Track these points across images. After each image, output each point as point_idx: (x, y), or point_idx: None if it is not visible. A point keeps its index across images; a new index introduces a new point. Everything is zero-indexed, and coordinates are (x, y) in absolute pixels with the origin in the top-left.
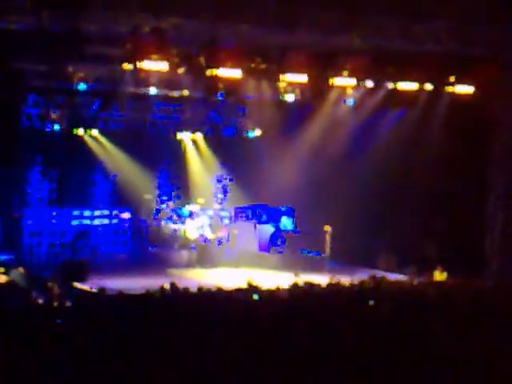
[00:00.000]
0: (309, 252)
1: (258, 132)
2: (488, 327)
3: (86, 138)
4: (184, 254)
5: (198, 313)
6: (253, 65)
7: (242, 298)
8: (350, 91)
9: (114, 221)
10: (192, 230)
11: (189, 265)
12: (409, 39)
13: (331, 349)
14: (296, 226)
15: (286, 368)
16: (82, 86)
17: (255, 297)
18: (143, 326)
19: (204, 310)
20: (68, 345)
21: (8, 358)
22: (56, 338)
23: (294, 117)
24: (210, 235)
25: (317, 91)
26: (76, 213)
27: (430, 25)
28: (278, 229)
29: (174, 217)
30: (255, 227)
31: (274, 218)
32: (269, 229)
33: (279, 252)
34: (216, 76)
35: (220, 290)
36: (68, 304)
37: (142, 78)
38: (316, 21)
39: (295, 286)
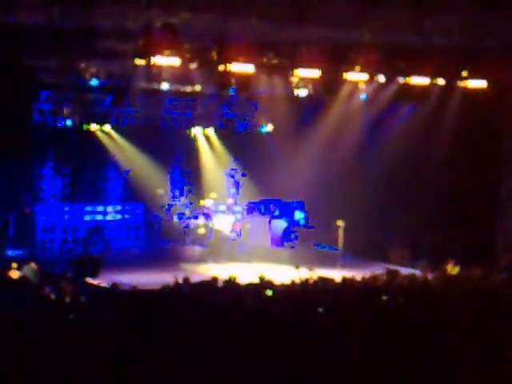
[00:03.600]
0: (322, 246)
1: (270, 127)
2: (502, 322)
3: (99, 133)
4: (196, 249)
5: (211, 307)
6: (265, 60)
7: (255, 293)
8: (362, 86)
9: (127, 216)
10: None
11: (201, 259)
12: (420, 33)
13: (344, 344)
14: (308, 221)
15: (298, 363)
16: (94, 82)
17: (269, 292)
18: (156, 321)
19: (217, 304)
20: (80, 340)
21: (20, 354)
22: (68, 334)
23: (307, 112)
24: (227, 232)
25: (329, 86)
26: (89, 208)
27: (442, 18)
28: (290, 223)
29: (187, 212)
30: (268, 222)
31: (286, 213)
32: (282, 223)
33: (292, 247)
34: (228, 71)
35: (233, 285)
36: (81, 300)
37: (154, 74)
38: (327, 15)
39: (308, 280)
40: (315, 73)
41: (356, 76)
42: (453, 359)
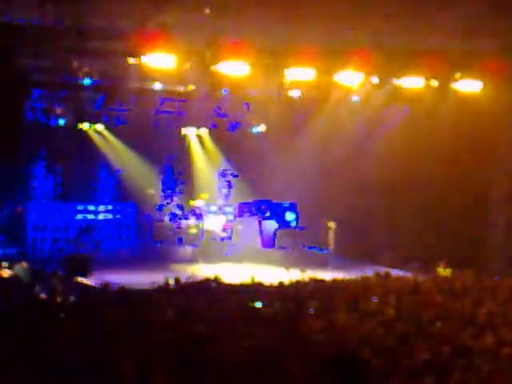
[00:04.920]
0: (313, 248)
1: (262, 128)
2: (491, 323)
3: (91, 132)
4: (187, 249)
5: (201, 308)
6: (258, 60)
7: (246, 294)
8: (355, 87)
9: (118, 216)
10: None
11: (192, 260)
12: (413, 34)
13: (335, 345)
14: (299, 222)
15: (285, 364)
16: (86, 81)
17: (257, 304)
18: (146, 320)
19: (207, 304)
20: (70, 340)
21: (10, 353)
22: (59, 333)
23: (299, 113)
24: (219, 232)
25: (322, 87)
26: (80, 207)
27: (435, 18)
28: (281, 224)
29: (178, 212)
30: (259, 223)
31: (277, 214)
32: (273, 224)
33: (283, 248)
34: (221, 71)
35: (223, 285)
36: (71, 299)
37: (146, 73)
38: (320, 16)
39: (299, 281)
40: (308, 73)
41: (349, 77)
42: (442, 361)
